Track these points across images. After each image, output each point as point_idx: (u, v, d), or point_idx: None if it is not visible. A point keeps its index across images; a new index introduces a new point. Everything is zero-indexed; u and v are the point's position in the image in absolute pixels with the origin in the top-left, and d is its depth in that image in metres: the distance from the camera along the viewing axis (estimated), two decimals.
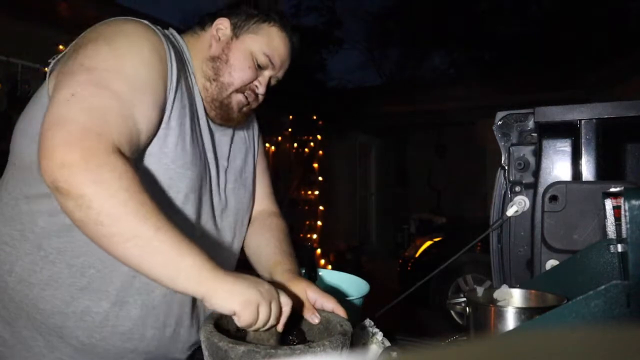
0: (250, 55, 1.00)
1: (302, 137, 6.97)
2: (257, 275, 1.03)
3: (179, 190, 0.91)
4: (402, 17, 15.25)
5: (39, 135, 0.77)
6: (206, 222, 0.99)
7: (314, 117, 7.18)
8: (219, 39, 1.01)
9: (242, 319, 0.73)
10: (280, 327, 0.79)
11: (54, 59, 0.95)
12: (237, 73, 1.00)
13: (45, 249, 0.89)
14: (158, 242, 0.73)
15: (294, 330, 0.88)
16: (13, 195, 0.93)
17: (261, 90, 1.03)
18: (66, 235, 0.88)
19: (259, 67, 1.02)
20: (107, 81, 0.81)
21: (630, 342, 0.20)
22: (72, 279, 0.88)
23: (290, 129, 6.67)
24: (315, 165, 7.22)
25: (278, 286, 0.92)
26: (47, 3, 3.54)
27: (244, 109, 1.04)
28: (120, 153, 0.77)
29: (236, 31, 1.01)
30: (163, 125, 0.89)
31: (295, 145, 6.83)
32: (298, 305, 0.89)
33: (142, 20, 0.93)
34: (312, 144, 7.16)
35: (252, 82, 1.02)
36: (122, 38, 0.87)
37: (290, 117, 6.67)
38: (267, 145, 6.14)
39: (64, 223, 0.88)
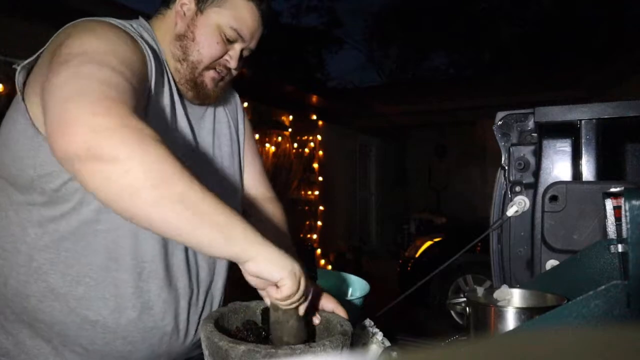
0: (217, 29, 0.97)
1: (302, 137, 6.97)
2: None
3: None
4: (402, 17, 15.26)
5: (50, 114, 0.71)
6: None
7: (314, 117, 7.18)
8: (184, 14, 0.98)
9: (284, 288, 0.70)
10: (301, 311, 0.77)
11: (18, 64, 0.90)
12: (205, 50, 0.97)
13: (38, 260, 0.87)
14: (207, 205, 0.69)
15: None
16: (3, 206, 0.91)
17: (233, 64, 1.00)
18: (57, 246, 0.87)
19: (228, 42, 0.98)
20: (103, 59, 0.77)
21: (630, 342, 0.20)
22: (68, 289, 0.87)
23: (290, 129, 6.67)
24: (315, 165, 7.22)
25: None
26: (47, 3, 3.54)
27: (220, 83, 1.02)
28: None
29: (200, 5, 0.97)
30: None
31: (295, 145, 6.83)
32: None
33: (110, 20, 0.90)
34: (312, 144, 7.16)
35: (222, 57, 0.99)
36: (101, 29, 0.85)
37: (290, 117, 6.67)
38: (267, 145, 6.14)
39: (54, 233, 0.87)
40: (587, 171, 1.08)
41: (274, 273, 0.70)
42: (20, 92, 0.89)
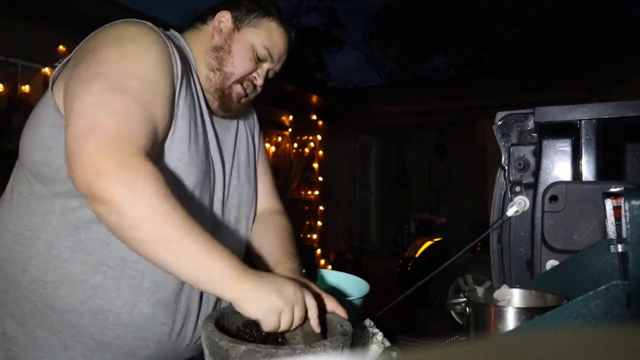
0: (251, 47, 1.04)
1: (302, 137, 6.97)
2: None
3: (185, 187, 0.93)
4: (402, 17, 15.25)
5: (66, 145, 0.79)
6: (209, 218, 1.00)
7: (314, 117, 7.18)
8: (221, 30, 1.05)
9: (264, 326, 0.77)
10: (315, 328, 0.80)
11: (60, 62, 0.96)
12: (239, 63, 1.03)
13: (58, 247, 0.90)
14: (188, 247, 0.75)
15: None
16: (24, 195, 0.94)
17: (259, 82, 1.07)
18: (78, 234, 0.90)
19: (258, 60, 1.06)
20: (124, 85, 0.83)
21: (630, 342, 0.20)
22: (86, 277, 0.90)
23: (290, 129, 6.67)
24: (315, 165, 7.22)
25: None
26: (47, 3, 3.54)
27: (243, 100, 1.08)
28: (148, 157, 0.79)
29: (237, 24, 1.05)
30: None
31: (295, 145, 6.83)
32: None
33: (144, 22, 0.94)
34: (312, 144, 7.16)
35: (251, 73, 1.06)
36: (129, 41, 0.89)
37: (290, 117, 6.66)
38: (267, 145, 6.14)
39: (75, 222, 0.89)
40: (587, 171, 1.08)
41: (253, 314, 0.76)
42: (50, 87, 0.94)
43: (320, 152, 7.35)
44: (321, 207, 7.26)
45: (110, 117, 0.79)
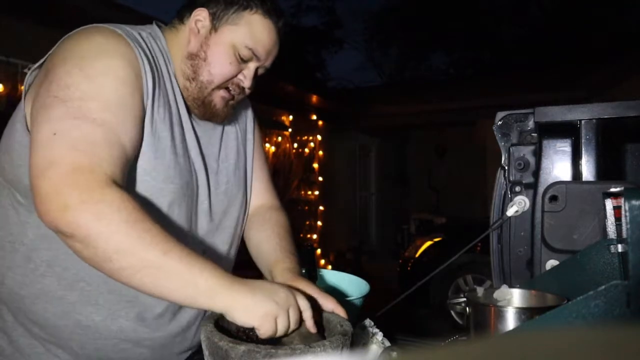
0: (231, 49, 0.93)
1: (302, 137, 6.97)
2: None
3: (161, 204, 0.89)
4: (402, 17, 15.25)
5: (31, 181, 0.75)
6: (195, 229, 0.97)
7: (314, 117, 7.18)
8: (198, 32, 0.94)
9: (262, 332, 0.74)
10: (311, 329, 0.79)
11: (28, 69, 0.91)
12: (216, 70, 0.93)
13: (35, 261, 0.88)
14: (168, 268, 0.72)
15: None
16: (4, 205, 0.92)
17: (247, 83, 0.97)
18: (55, 248, 0.87)
19: (242, 61, 0.95)
20: (85, 110, 0.78)
21: (630, 342, 0.20)
22: (63, 292, 0.88)
23: (290, 129, 6.67)
24: (315, 165, 7.22)
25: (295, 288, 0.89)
26: (47, 3, 3.54)
27: (231, 102, 0.98)
28: (115, 184, 0.75)
29: (215, 22, 0.94)
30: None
31: (295, 145, 6.83)
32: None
33: (113, 29, 0.87)
34: (312, 144, 7.17)
35: (234, 76, 0.96)
36: (93, 57, 0.82)
37: (290, 117, 6.67)
38: (267, 145, 6.14)
39: (52, 235, 0.85)
40: (587, 171, 1.08)
41: (246, 322, 0.73)
42: (24, 96, 0.89)
43: (320, 152, 7.35)
44: (321, 207, 7.27)
45: (69, 149, 0.75)
